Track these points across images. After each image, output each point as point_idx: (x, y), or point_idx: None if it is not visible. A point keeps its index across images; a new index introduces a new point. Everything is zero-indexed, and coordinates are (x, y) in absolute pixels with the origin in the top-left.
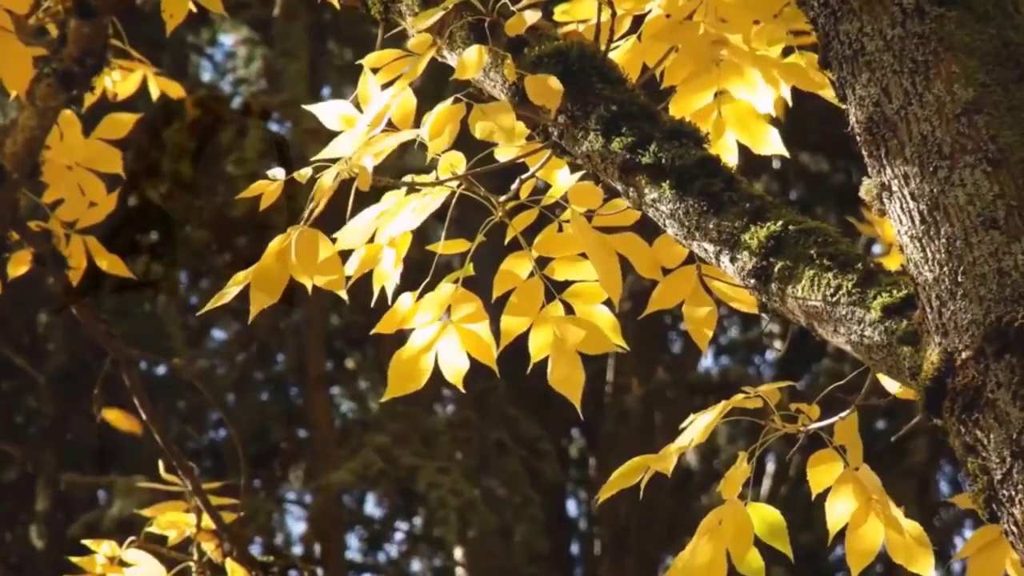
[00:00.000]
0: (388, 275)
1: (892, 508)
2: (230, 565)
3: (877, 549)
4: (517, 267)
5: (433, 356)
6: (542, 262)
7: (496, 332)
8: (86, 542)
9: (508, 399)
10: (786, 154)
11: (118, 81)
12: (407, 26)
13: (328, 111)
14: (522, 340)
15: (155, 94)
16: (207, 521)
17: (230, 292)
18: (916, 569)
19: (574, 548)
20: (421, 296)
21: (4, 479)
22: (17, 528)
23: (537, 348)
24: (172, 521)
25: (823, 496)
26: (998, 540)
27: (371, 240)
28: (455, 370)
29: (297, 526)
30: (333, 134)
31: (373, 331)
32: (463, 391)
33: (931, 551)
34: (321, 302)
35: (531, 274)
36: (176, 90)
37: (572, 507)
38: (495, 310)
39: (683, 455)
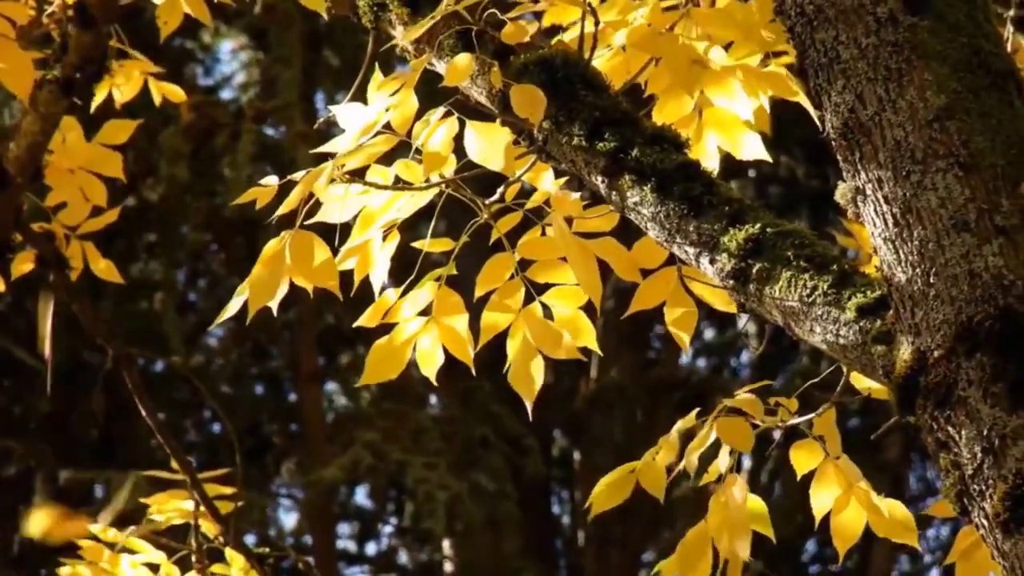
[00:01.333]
0: (374, 265)
1: (872, 495)
2: (229, 553)
3: (860, 532)
4: (500, 268)
5: (411, 348)
6: (525, 264)
7: (476, 331)
8: (90, 529)
9: (492, 397)
10: (768, 159)
11: (121, 86)
12: (397, 35)
13: (347, 114)
14: (506, 340)
15: (157, 99)
16: (204, 512)
17: (235, 304)
18: (902, 540)
19: (558, 541)
20: (406, 292)
21: (3, 473)
22: (16, 521)
23: (514, 347)
24: (172, 509)
25: (795, 491)
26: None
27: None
28: (431, 364)
29: (289, 518)
30: (324, 138)
31: (355, 324)
32: (436, 384)
33: (914, 526)
34: (314, 300)
35: (513, 275)
36: (177, 95)
37: (556, 500)
38: (477, 309)
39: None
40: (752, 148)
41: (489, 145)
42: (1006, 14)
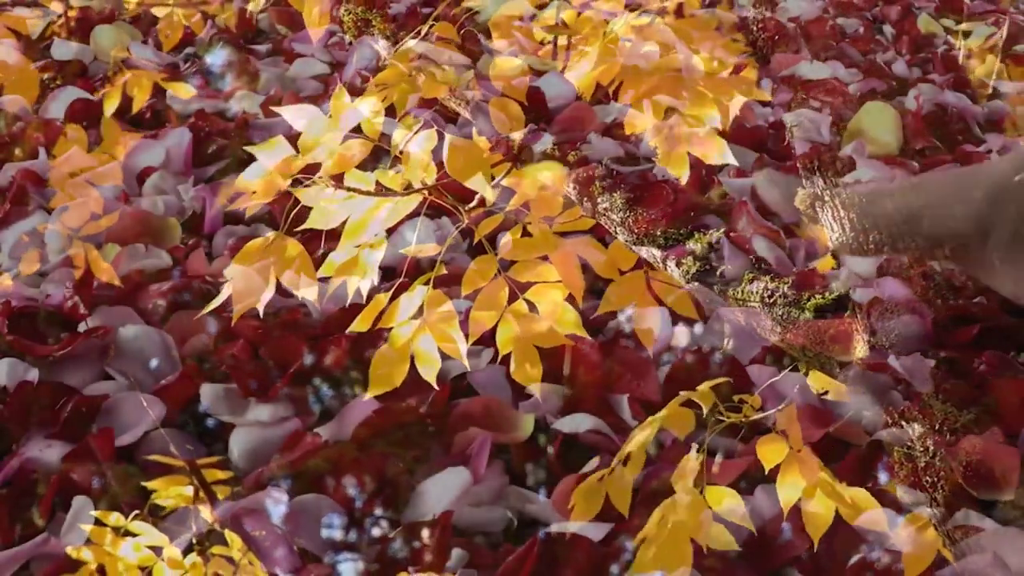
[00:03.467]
0: (365, 274)
1: (837, 485)
2: (229, 535)
3: (831, 519)
4: (484, 269)
5: (409, 356)
6: (507, 264)
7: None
8: (94, 514)
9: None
10: (736, 163)
11: (137, 91)
12: (379, 48)
13: (294, 114)
14: (491, 338)
15: (169, 95)
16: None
17: (220, 297)
18: (871, 527)
19: (542, 532)
20: (394, 295)
21: (7, 464)
22: (18, 512)
23: (503, 343)
24: (172, 495)
25: (766, 482)
26: (928, 523)
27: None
28: (431, 369)
29: (277, 509)
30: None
31: (349, 330)
32: (436, 388)
33: (881, 511)
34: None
35: (496, 275)
36: (186, 92)
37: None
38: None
39: None
40: (721, 155)
41: (466, 162)
42: (958, 26)
